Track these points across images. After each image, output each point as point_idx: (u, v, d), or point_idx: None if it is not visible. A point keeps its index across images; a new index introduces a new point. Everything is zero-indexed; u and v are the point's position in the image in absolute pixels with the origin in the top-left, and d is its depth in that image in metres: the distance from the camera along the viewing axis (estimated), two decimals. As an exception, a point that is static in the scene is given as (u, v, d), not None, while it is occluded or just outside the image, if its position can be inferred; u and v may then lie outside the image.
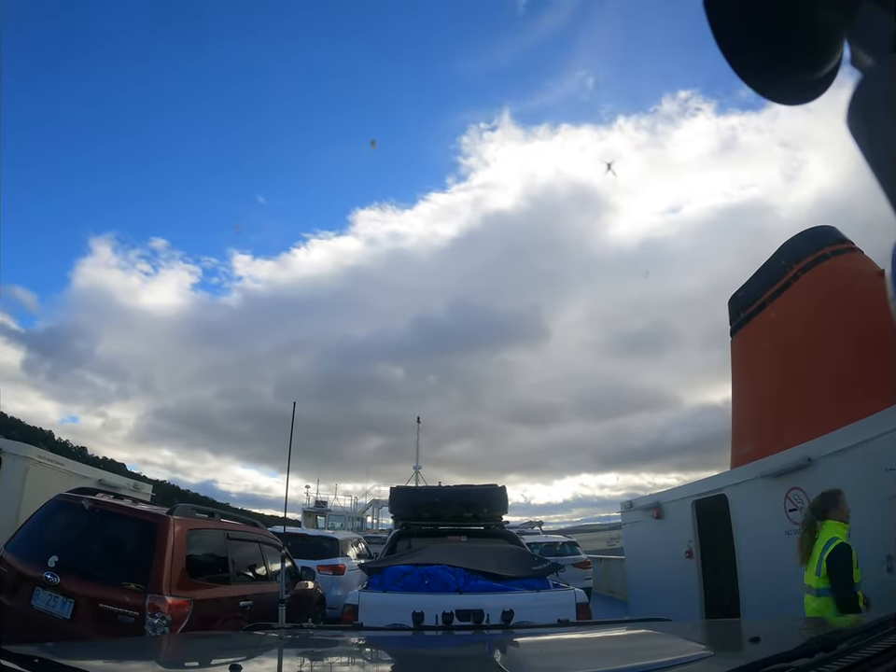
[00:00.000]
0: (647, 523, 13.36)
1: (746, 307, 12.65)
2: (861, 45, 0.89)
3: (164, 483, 65.75)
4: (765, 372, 11.56)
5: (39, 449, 12.79)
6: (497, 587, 5.84)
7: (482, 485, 9.56)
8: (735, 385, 13.21)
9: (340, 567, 12.46)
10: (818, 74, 0.94)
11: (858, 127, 0.89)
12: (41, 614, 5.26)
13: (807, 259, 11.07)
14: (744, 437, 12.04)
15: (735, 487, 9.77)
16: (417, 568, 6.08)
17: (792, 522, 7.89)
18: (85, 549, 5.86)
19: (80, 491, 6.51)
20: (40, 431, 68.46)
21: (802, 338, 10.52)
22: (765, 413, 11.28)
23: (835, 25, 0.89)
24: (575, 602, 5.53)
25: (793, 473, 8.01)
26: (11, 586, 5.61)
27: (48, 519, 6.17)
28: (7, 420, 60.77)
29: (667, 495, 12.89)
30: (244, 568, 6.98)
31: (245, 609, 6.31)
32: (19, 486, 10.97)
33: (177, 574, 5.53)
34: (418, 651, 3.40)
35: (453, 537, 8.31)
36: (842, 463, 7.13)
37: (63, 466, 12.70)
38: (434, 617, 3.84)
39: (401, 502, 9.27)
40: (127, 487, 14.01)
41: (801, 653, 1.68)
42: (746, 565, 9.30)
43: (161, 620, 5.14)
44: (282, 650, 3.23)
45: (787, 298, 11.30)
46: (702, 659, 2.10)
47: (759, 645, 2.36)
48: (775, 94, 0.99)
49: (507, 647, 2.77)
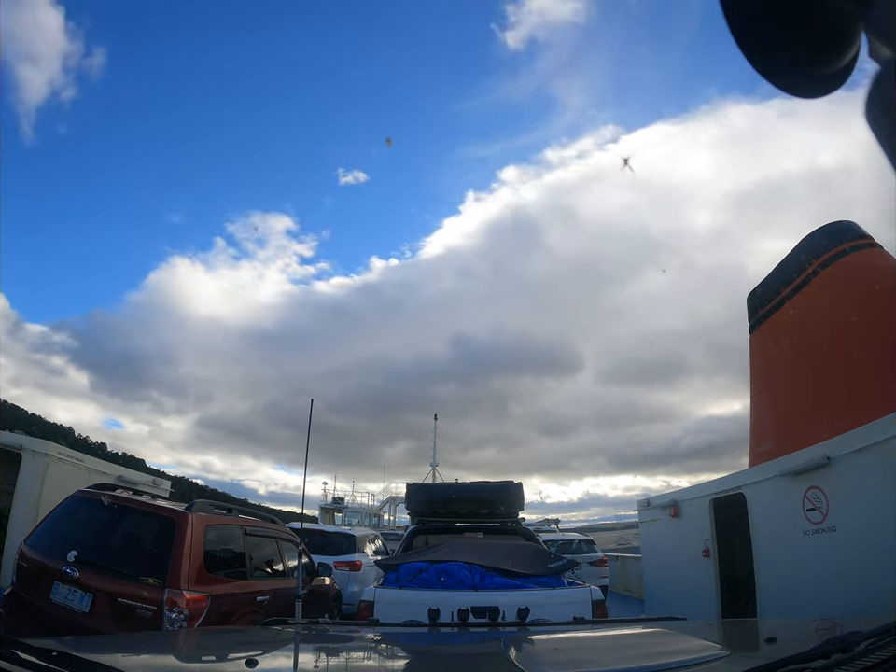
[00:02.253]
0: (664, 521, 13.27)
1: (764, 304, 12.51)
2: (879, 36, 0.88)
3: (183, 480, 66.25)
4: (784, 369, 11.43)
5: (59, 445, 12.93)
6: (513, 584, 5.83)
7: (498, 482, 9.52)
8: (754, 382, 13.07)
9: (356, 563, 12.49)
10: (835, 66, 0.93)
11: (876, 119, 0.87)
12: (60, 608, 5.32)
13: (826, 255, 10.94)
14: (762, 434, 11.93)
15: (753, 486, 9.67)
16: (433, 565, 6.09)
17: (811, 521, 7.82)
18: (104, 544, 5.93)
19: (99, 487, 6.57)
20: (60, 428, 69.26)
21: (821, 334, 10.40)
22: (784, 411, 11.17)
23: (852, 17, 0.88)
24: (591, 600, 5.50)
25: (812, 472, 7.92)
26: (31, 580, 5.69)
27: (67, 514, 6.24)
28: (28, 417, 61.52)
29: (685, 493, 12.78)
30: (261, 564, 7.03)
31: (262, 605, 6.35)
32: (38, 482, 11.12)
33: (195, 569, 5.57)
34: (433, 648, 3.40)
35: (469, 533, 8.30)
36: (861, 462, 7.04)
37: (82, 462, 12.84)
38: (450, 614, 3.83)
39: (418, 499, 9.26)
40: (146, 483, 14.15)
41: (818, 654, 1.67)
42: (763, 564, 9.21)
43: (178, 614, 5.18)
44: (298, 645, 3.25)
45: (805, 294, 11.17)
46: (718, 659, 2.08)
47: (775, 645, 2.34)
48: (792, 87, 0.98)
49: (522, 644, 2.76)
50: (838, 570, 7.11)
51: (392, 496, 48.61)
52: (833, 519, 7.46)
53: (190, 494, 38.95)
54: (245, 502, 56.45)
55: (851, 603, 6.29)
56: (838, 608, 6.46)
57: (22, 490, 11.11)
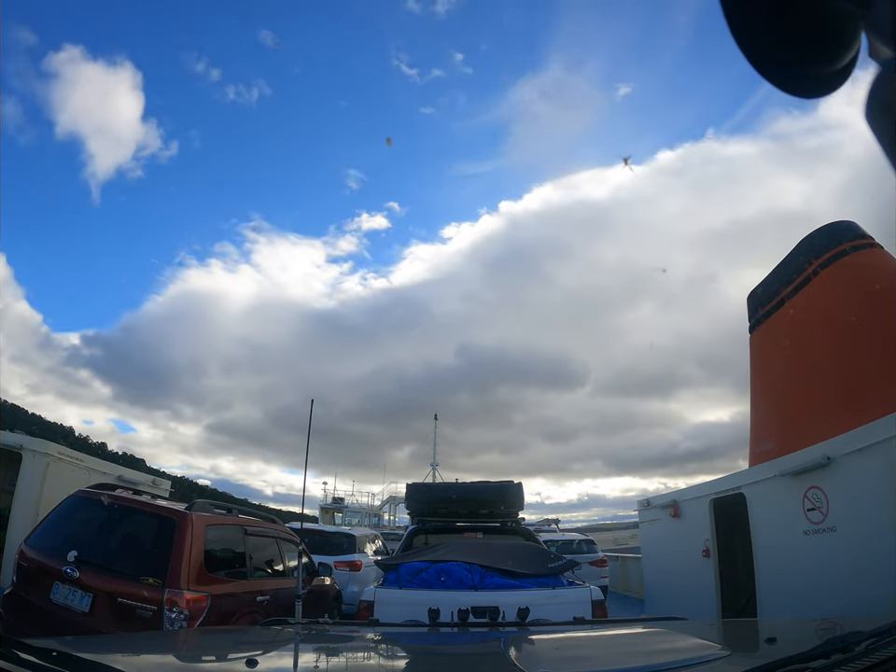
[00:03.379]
0: (664, 521, 13.27)
1: (764, 304, 12.50)
2: (879, 36, 0.88)
3: (183, 480, 66.18)
4: (784, 370, 11.42)
5: (59, 445, 12.93)
6: (513, 584, 5.83)
7: (497, 482, 9.51)
8: (754, 382, 13.06)
9: (356, 563, 12.49)
10: (835, 66, 0.93)
11: (876, 119, 0.87)
12: (60, 608, 5.32)
13: (826, 255, 10.93)
14: (762, 434, 11.92)
15: (753, 486, 9.67)
16: (433, 565, 6.09)
17: (811, 521, 7.82)
18: (104, 544, 5.93)
19: (100, 487, 6.57)
20: (60, 428, 69.14)
21: (821, 334, 10.40)
22: (784, 411, 11.16)
23: (852, 16, 0.88)
24: (591, 600, 5.51)
25: (812, 472, 7.92)
26: (31, 580, 5.69)
27: (67, 514, 6.24)
28: (28, 417, 61.49)
29: (685, 493, 12.78)
30: (261, 564, 7.03)
31: (262, 605, 6.35)
32: (39, 482, 11.12)
33: (195, 569, 5.57)
34: (433, 648, 3.40)
35: (469, 533, 8.30)
36: (862, 462, 7.04)
37: (82, 462, 12.84)
38: (450, 614, 3.83)
39: (418, 499, 9.26)
40: (146, 483, 14.14)
41: (818, 654, 1.67)
42: (763, 564, 9.21)
43: (178, 614, 5.19)
44: (298, 645, 3.25)
45: (806, 294, 11.16)
46: (718, 659, 2.09)
47: (775, 645, 2.35)
48: (792, 87, 0.98)
49: (522, 644, 2.77)
50: (838, 570, 7.11)
51: (392, 495, 48.60)
52: (834, 519, 7.46)
53: (191, 494, 38.87)
54: (245, 502, 56.39)
55: (851, 603, 6.28)
56: (838, 608, 6.46)
57: (22, 490, 11.11)
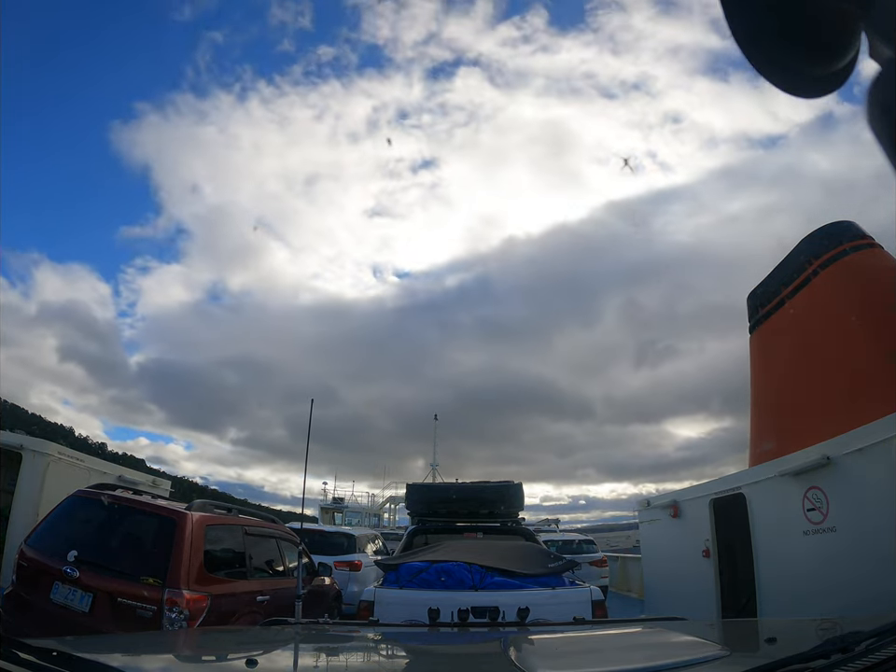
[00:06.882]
0: (664, 521, 13.24)
1: (764, 304, 12.49)
2: (879, 36, 0.88)
3: (183, 480, 66.02)
4: (784, 370, 11.42)
5: (59, 445, 12.90)
6: (513, 584, 5.83)
7: (497, 482, 9.52)
8: (754, 382, 13.04)
9: (356, 563, 12.49)
10: (835, 66, 0.93)
11: (876, 119, 0.87)
12: (60, 608, 5.33)
13: (826, 255, 10.91)
14: (762, 434, 11.91)
15: (753, 486, 9.67)
16: (433, 565, 6.08)
17: (811, 521, 7.82)
18: (104, 544, 5.93)
19: (100, 487, 6.57)
20: (60, 428, 68.97)
21: (821, 334, 10.39)
22: (784, 411, 11.15)
23: (852, 16, 0.88)
24: (591, 600, 5.51)
25: (812, 472, 7.90)
26: (31, 580, 5.69)
27: (67, 514, 6.25)
28: (28, 417, 61.35)
29: (685, 493, 12.75)
30: (261, 564, 7.03)
31: (262, 605, 6.35)
32: (38, 482, 11.09)
33: (195, 569, 5.58)
34: (433, 648, 3.40)
35: (469, 533, 8.31)
36: (862, 462, 7.04)
37: (82, 462, 12.81)
38: (450, 614, 3.84)
39: (418, 499, 9.27)
40: (146, 483, 14.11)
41: (818, 654, 1.66)
42: (763, 564, 9.20)
43: (178, 614, 5.19)
44: (298, 645, 3.25)
45: (805, 294, 11.15)
46: (718, 659, 2.08)
47: (775, 645, 2.34)
48: (791, 87, 0.98)
49: (522, 644, 2.76)
50: (838, 570, 7.10)
51: (392, 495, 48.58)
52: (834, 519, 7.45)
53: (190, 494, 38.83)
54: (244, 502, 56.38)
55: (851, 603, 6.27)
56: (838, 608, 6.45)
57: (22, 490, 11.08)
